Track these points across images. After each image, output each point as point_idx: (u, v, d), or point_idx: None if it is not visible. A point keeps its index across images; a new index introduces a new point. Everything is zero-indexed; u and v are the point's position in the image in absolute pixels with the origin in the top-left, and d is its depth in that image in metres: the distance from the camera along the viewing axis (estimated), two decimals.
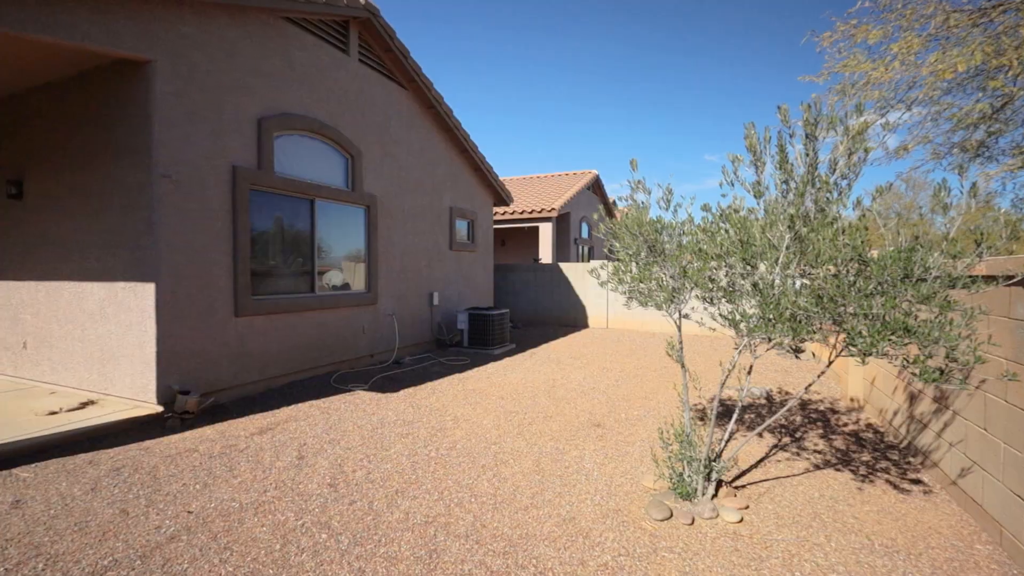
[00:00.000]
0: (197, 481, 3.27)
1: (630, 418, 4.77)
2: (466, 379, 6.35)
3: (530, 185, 17.73)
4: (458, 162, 9.45)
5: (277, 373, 5.73)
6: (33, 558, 2.40)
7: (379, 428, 4.38)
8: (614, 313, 11.35)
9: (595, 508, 2.99)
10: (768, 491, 3.20)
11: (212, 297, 4.98)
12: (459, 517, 2.86)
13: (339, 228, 6.70)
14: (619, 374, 6.69)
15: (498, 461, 3.68)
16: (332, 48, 6.45)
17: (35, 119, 5.33)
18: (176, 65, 4.62)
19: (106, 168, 4.78)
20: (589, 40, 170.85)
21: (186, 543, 2.55)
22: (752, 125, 2.64)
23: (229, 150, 5.12)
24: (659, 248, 3.02)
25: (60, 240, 5.19)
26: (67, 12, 3.84)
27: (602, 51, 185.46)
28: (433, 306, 8.65)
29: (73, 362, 5.13)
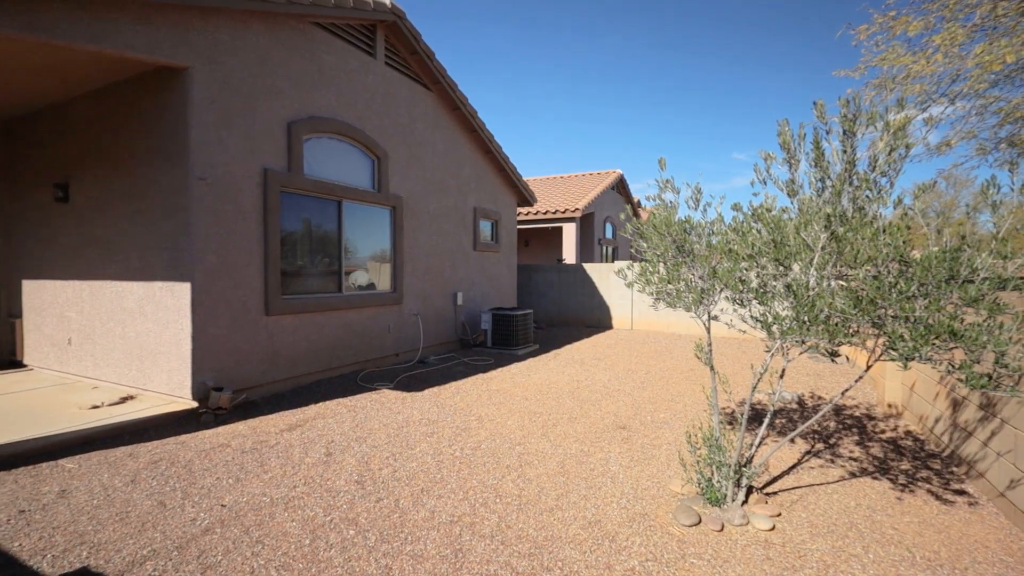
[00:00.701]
0: (230, 475, 3.36)
1: (656, 421, 4.70)
2: (490, 379, 6.36)
3: (554, 185, 17.67)
4: (482, 163, 9.48)
5: (305, 371, 5.85)
6: (78, 546, 2.51)
7: (404, 427, 4.42)
8: (639, 314, 11.21)
9: (621, 512, 2.95)
10: (801, 499, 3.11)
11: (244, 296, 5.12)
12: (484, 517, 2.86)
13: (365, 229, 6.81)
14: (644, 376, 6.60)
15: (523, 462, 3.68)
16: (360, 52, 6.55)
17: (81, 125, 5.57)
18: (212, 71, 4.76)
19: (146, 171, 4.96)
20: (615, 39, 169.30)
21: (220, 536, 2.62)
22: (786, 122, 2.56)
23: (261, 153, 5.25)
24: (688, 248, 2.96)
25: (103, 241, 5.41)
26: (111, 22, 4.00)
27: (628, 51, 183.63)
28: (457, 306, 8.71)
29: (114, 358, 5.34)
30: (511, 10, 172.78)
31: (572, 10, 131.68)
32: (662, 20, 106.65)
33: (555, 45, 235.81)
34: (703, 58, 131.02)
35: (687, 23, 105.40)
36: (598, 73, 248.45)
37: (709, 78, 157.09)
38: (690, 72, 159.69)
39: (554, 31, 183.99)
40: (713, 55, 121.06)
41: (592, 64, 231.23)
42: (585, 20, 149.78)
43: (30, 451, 3.63)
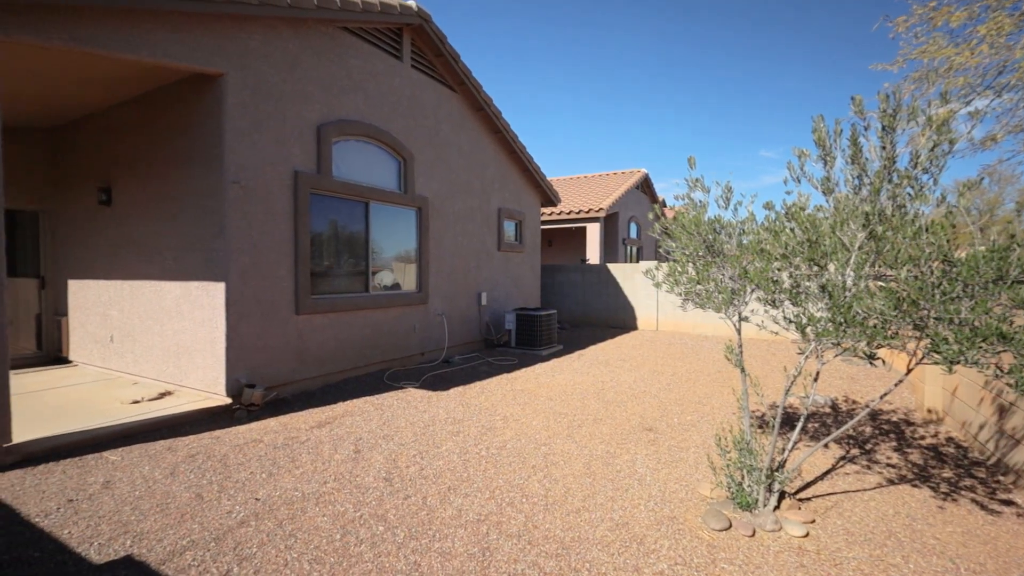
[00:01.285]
0: (263, 470, 3.45)
1: (683, 423, 4.63)
2: (514, 379, 6.37)
3: (577, 185, 17.58)
4: (506, 163, 9.51)
5: (333, 369, 5.96)
6: (122, 535, 2.61)
7: (430, 425, 4.47)
8: (664, 315, 11.06)
9: (649, 514, 2.92)
10: (836, 505, 3.02)
11: (275, 296, 5.25)
12: (511, 517, 2.87)
13: (392, 230, 6.90)
14: (671, 377, 6.51)
15: (548, 462, 3.67)
16: (386, 55, 6.65)
17: (122, 131, 5.80)
18: (244, 77, 4.90)
19: (182, 175, 5.14)
20: (639, 37, 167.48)
21: (254, 528, 2.70)
22: (820, 118, 2.49)
23: (291, 156, 5.38)
24: (718, 248, 2.91)
25: (143, 242, 5.62)
26: (149, 32, 4.16)
27: (652, 48, 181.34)
28: (481, 306, 8.75)
29: (152, 355, 5.55)
30: (537, 7, 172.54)
31: (594, 7, 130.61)
32: (687, 16, 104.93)
33: (580, 43, 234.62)
34: (728, 55, 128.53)
35: (711, 19, 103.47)
36: (622, 72, 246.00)
37: (735, 75, 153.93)
38: (715, 69, 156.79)
39: (579, 27, 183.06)
40: (739, 51, 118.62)
41: (616, 63, 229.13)
42: (609, 16, 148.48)
43: (76, 443, 3.80)
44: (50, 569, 2.32)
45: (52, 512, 2.83)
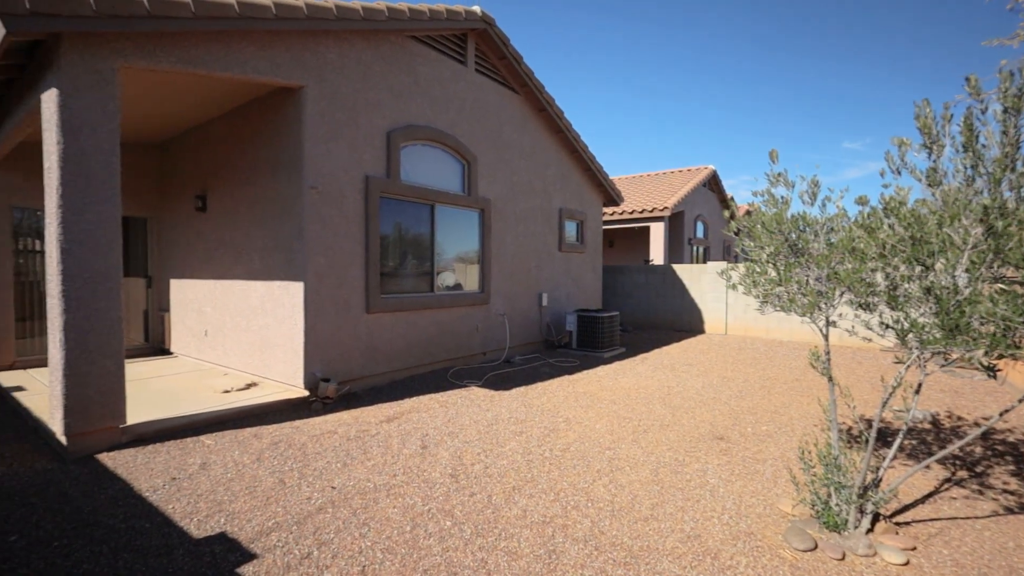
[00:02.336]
0: (338, 460, 3.63)
1: (758, 433, 4.37)
2: (576, 381, 6.30)
3: (641, 184, 17.14)
4: (568, 163, 9.43)
5: (400, 366, 6.18)
6: (217, 513, 2.84)
7: (493, 425, 4.51)
8: (734, 318, 10.52)
9: (723, 528, 2.77)
10: (941, 532, 2.72)
11: (347, 295, 5.52)
12: (576, 521, 2.83)
13: (455, 231, 7.05)
14: (742, 384, 6.17)
15: (613, 467, 3.59)
16: (452, 61, 6.80)
17: (216, 143, 6.34)
18: (321, 88, 5.19)
19: (267, 182, 5.53)
20: (703, 30, 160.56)
21: (331, 515, 2.84)
22: (926, 102, 2.26)
23: (363, 162, 5.63)
24: (802, 247, 2.72)
25: (232, 244, 6.11)
26: (241, 51, 4.50)
27: (721, 45, 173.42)
28: (542, 307, 8.73)
29: (240, 349, 6.01)
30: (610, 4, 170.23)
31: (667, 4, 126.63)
32: (756, 7, 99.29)
33: (646, 36, 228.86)
34: (805, 40, 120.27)
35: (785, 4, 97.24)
36: (688, 65, 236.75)
37: (813, 63, 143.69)
38: (790, 57, 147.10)
39: (647, 23, 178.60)
40: (817, 36, 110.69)
41: (683, 56, 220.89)
42: (677, 11, 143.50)
43: (178, 427, 4.18)
44: (158, 540, 2.56)
45: (159, 488, 3.13)
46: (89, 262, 3.63)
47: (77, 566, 2.34)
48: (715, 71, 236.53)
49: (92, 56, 3.62)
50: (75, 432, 3.60)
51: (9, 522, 2.71)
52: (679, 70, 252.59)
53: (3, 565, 2.33)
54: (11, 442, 3.96)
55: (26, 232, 6.70)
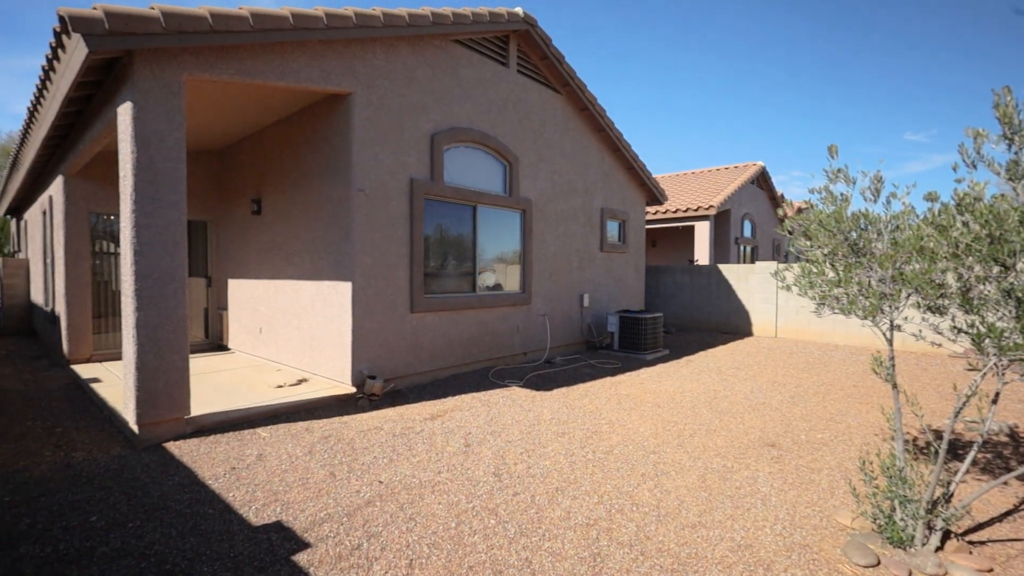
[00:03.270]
0: (384, 456, 3.73)
1: (812, 441, 4.17)
2: (618, 383, 6.21)
3: (685, 182, 16.72)
4: (610, 162, 9.32)
5: (442, 365, 6.28)
6: (273, 502, 2.98)
7: (535, 425, 4.51)
8: (785, 321, 10.08)
9: (776, 539, 2.67)
10: (1023, 554, 2.52)
11: (393, 295, 5.66)
12: (621, 524, 2.79)
13: (497, 232, 7.10)
14: (794, 390, 5.91)
15: (658, 471, 3.52)
16: (494, 63, 6.86)
17: (270, 149, 6.65)
18: (369, 94, 5.35)
19: (317, 185, 5.75)
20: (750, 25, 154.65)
21: (379, 509, 2.92)
22: (1008, 90, 2.09)
23: (408, 164, 5.76)
24: (864, 247, 2.58)
25: (284, 246, 6.39)
26: (294, 61, 4.70)
27: (767, 26, 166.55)
28: (583, 307, 8.66)
29: (291, 346, 6.28)
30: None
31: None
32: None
33: (689, 31, 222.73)
34: (858, 25, 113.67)
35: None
36: (738, 56, 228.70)
37: (868, 50, 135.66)
38: (843, 45, 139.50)
39: (691, 14, 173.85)
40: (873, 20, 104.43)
41: (727, 49, 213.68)
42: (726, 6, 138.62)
43: (236, 419, 4.41)
44: (220, 526, 2.71)
45: (220, 476, 3.31)
46: (158, 263, 3.89)
47: (150, 547, 2.51)
48: (761, 63, 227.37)
49: (161, 70, 3.87)
50: (145, 422, 3.87)
51: (90, 504, 2.94)
52: (723, 63, 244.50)
53: (87, 543, 2.53)
54: (90, 430, 4.29)
55: (100, 235, 7.24)
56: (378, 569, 2.36)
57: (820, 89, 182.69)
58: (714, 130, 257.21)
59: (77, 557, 2.41)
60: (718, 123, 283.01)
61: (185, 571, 2.32)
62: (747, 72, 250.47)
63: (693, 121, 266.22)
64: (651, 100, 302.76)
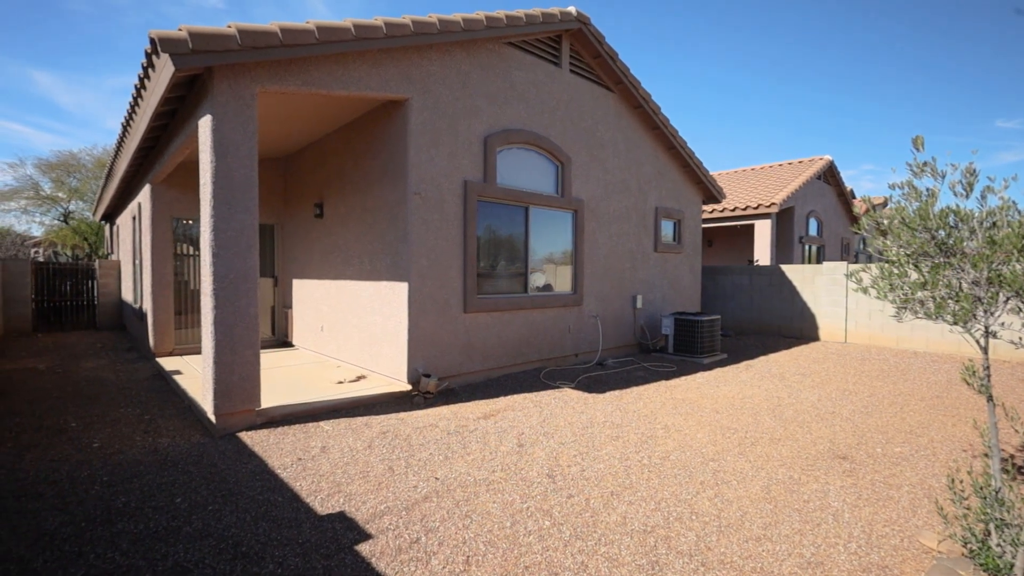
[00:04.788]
0: (439, 453, 3.81)
1: (890, 455, 3.88)
2: (673, 387, 6.04)
3: (745, 179, 16.02)
4: (664, 159, 9.07)
5: (494, 365, 6.34)
6: (336, 494, 3.12)
7: (588, 428, 4.46)
8: (856, 325, 9.43)
9: (850, 557, 2.50)
10: None
11: (447, 295, 5.77)
12: (680, 533, 2.71)
13: (549, 232, 7.08)
14: (868, 399, 5.52)
15: (718, 480, 3.39)
16: (546, 63, 6.85)
17: (331, 155, 6.96)
18: (425, 99, 5.49)
19: (375, 189, 5.96)
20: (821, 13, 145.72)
21: (436, 504, 2.99)
22: None
23: (461, 167, 5.86)
24: (954, 246, 2.37)
25: (345, 248, 6.66)
26: (355, 70, 4.90)
27: (832, 18, 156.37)
28: (636, 309, 8.48)
29: (351, 343, 6.54)
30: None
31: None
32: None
33: (754, 26, 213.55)
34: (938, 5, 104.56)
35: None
36: (807, 47, 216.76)
37: (950, 32, 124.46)
38: (921, 27, 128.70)
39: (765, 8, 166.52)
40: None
41: (790, 35, 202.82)
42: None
43: (301, 412, 4.65)
44: (289, 513, 2.87)
45: (288, 467, 3.50)
46: (233, 264, 4.17)
47: (227, 529, 2.69)
48: (825, 50, 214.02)
49: (236, 84, 4.14)
50: (221, 413, 4.15)
51: (175, 486, 3.19)
52: (784, 52, 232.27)
53: (173, 522, 2.75)
54: (173, 418, 4.65)
55: (180, 238, 7.84)
56: (436, 564, 2.41)
57: (896, 74, 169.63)
58: (778, 124, 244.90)
59: (165, 535, 2.62)
60: (783, 116, 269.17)
61: (258, 554, 2.47)
62: (812, 57, 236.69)
63: (755, 116, 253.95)
64: (708, 96, 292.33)
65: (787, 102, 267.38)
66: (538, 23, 6.26)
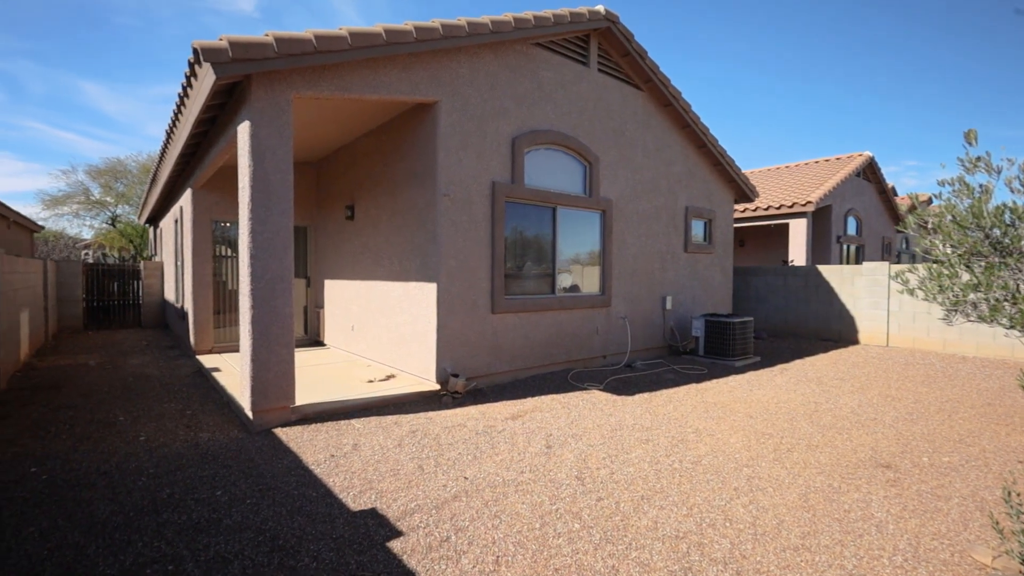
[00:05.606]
0: (468, 452, 3.83)
1: (937, 464, 3.70)
2: (704, 390, 5.91)
3: (778, 177, 15.58)
4: (695, 158, 8.90)
5: (521, 366, 6.34)
6: (368, 491, 3.17)
7: (617, 430, 4.41)
8: (898, 328, 9.04)
9: (896, 571, 2.39)
10: None
11: (475, 296, 5.81)
12: (713, 540, 2.65)
13: (576, 233, 7.04)
14: (912, 406, 5.28)
15: (753, 487, 3.30)
16: (574, 63, 6.82)
17: (361, 158, 7.10)
18: (454, 102, 5.54)
19: (404, 191, 6.05)
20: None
21: (465, 504, 3.01)
22: None
23: (489, 168, 5.89)
24: (1010, 245, 2.24)
25: (374, 249, 6.78)
26: (385, 74, 4.98)
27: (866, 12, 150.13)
28: (665, 310, 8.35)
29: (380, 343, 6.65)
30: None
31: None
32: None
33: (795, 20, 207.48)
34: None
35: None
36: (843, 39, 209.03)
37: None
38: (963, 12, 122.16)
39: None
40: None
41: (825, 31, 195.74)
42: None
43: (333, 410, 4.76)
44: (323, 508, 2.94)
45: (321, 463, 3.58)
46: (269, 266, 4.29)
47: (265, 522, 2.77)
48: (865, 43, 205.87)
49: (272, 90, 4.27)
50: (258, 409, 4.28)
51: (215, 480, 3.31)
52: (818, 46, 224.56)
53: (214, 514, 2.85)
54: (212, 413, 4.83)
55: (219, 240, 8.13)
56: (466, 563, 2.43)
57: (940, 65, 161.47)
58: (816, 121, 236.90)
59: (207, 526, 2.72)
60: (822, 112, 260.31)
61: (294, 548, 2.53)
62: (852, 50, 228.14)
63: (789, 117, 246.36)
64: (735, 97, 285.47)
65: (822, 100, 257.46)
66: (566, 23, 6.24)
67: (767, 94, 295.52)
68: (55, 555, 2.44)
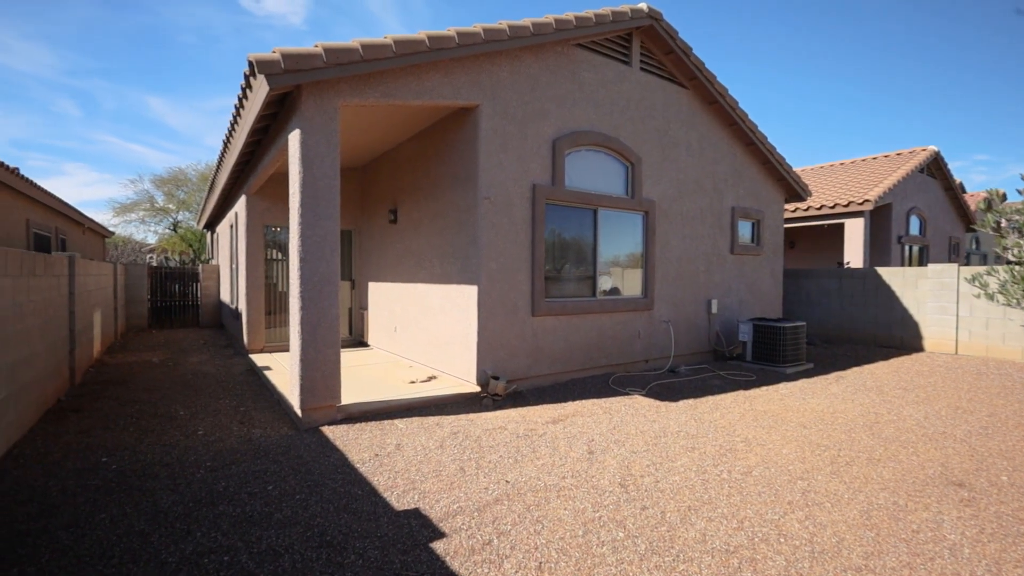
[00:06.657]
0: (509, 456, 3.82)
1: (1018, 484, 3.40)
2: (753, 398, 5.67)
3: (833, 174, 14.83)
4: (742, 157, 8.59)
5: (562, 369, 6.28)
6: (411, 490, 3.21)
7: (661, 437, 4.29)
8: (968, 335, 8.38)
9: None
10: None
11: (515, 299, 5.80)
12: (767, 556, 2.53)
13: (618, 235, 6.93)
14: (987, 419, 4.88)
15: (809, 501, 3.13)
16: (615, 63, 6.72)
17: (404, 163, 7.24)
18: (494, 105, 5.56)
19: (446, 195, 6.12)
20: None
21: (507, 508, 3.00)
22: None
23: (530, 171, 5.88)
24: None
25: (416, 252, 6.90)
26: (428, 80, 5.06)
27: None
28: (711, 314, 8.08)
29: (422, 345, 6.75)
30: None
31: None
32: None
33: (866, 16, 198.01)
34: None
35: None
36: (910, 31, 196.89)
37: None
38: None
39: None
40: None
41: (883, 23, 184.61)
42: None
43: (377, 410, 4.86)
44: (368, 507, 3.00)
45: (366, 461, 3.66)
46: (317, 268, 4.44)
47: (313, 518, 2.85)
48: (927, 32, 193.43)
49: (321, 99, 4.42)
50: (307, 407, 4.43)
51: (267, 475, 3.44)
52: (888, 35, 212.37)
53: (265, 508, 2.96)
54: (264, 410, 5.03)
55: (270, 244, 8.48)
56: (509, 567, 2.41)
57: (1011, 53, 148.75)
58: (878, 115, 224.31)
59: (259, 519, 2.83)
60: (885, 107, 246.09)
61: (341, 544, 2.59)
62: (916, 44, 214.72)
63: (853, 111, 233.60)
64: (799, 92, 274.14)
65: (888, 92, 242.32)
66: (608, 23, 6.16)
67: (818, 95, 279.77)
68: (123, 541, 2.60)
